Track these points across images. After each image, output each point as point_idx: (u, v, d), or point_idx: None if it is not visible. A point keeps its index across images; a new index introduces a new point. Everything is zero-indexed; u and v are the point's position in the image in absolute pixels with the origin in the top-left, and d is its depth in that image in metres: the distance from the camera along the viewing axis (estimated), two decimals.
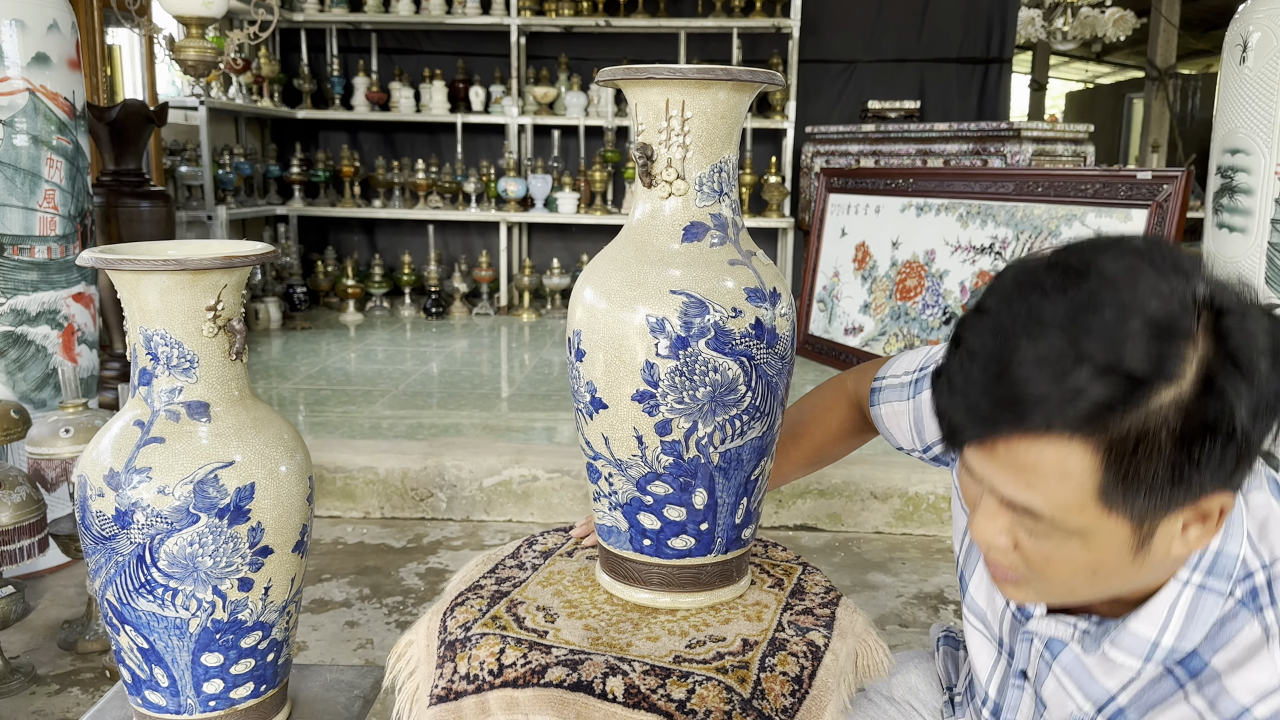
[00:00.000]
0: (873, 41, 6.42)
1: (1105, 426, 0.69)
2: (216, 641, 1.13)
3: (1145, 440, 0.69)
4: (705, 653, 1.04)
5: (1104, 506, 0.72)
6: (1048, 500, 0.73)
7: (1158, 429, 0.68)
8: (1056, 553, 0.77)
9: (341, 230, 6.63)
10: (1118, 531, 0.73)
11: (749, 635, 1.08)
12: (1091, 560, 0.76)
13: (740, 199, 6.09)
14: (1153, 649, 0.81)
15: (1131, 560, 0.76)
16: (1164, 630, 0.81)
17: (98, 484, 1.09)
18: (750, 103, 1.08)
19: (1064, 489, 0.72)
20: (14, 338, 2.50)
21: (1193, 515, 0.74)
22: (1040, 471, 0.72)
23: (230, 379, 1.14)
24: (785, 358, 1.09)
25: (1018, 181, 3.90)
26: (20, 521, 2.03)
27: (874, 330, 4.44)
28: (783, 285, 1.10)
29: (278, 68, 6.13)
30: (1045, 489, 0.73)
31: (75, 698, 2.02)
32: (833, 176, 4.93)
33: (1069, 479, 0.71)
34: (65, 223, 2.57)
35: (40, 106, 2.48)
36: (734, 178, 1.10)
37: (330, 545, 2.88)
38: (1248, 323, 0.70)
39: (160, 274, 1.05)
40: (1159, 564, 0.77)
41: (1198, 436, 0.68)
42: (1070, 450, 0.70)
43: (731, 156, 1.08)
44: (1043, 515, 0.74)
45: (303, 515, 1.17)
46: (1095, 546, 0.75)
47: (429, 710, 1.01)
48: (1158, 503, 0.71)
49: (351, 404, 3.84)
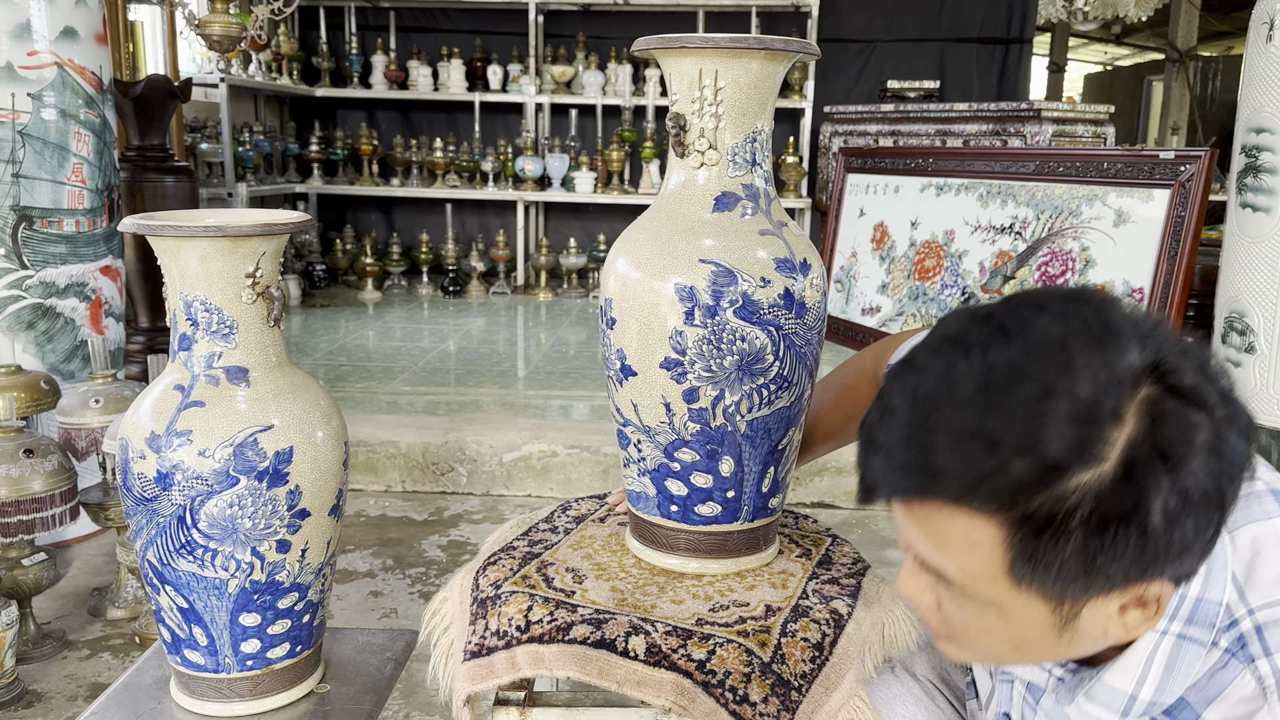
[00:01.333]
0: (893, 21, 6.38)
1: (1014, 505, 0.65)
2: (254, 602, 1.15)
3: (1054, 522, 0.65)
4: (728, 616, 1.06)
5: (1014, 582, 0.69)
6: (959, 568, 0.71)
7: (1069, 512, 0.64)
8: (975, 621, 0.74)
9: (360, 208, 6.65)
10: (1033, 609, 0.70)
11: (773, 601, 1.10)
12: (1012, 633, 0.73)
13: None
14: (1130, 702, 0.77)
15: (1057, 638, 0.72)
16: (1141, 683, 0.76)
17: (139, 446, 1.11)
18: (783, 74, 1.09)
19: (974, 559, 0.69)
20: (43, 310, 2.53)
21: (1130, 599, 0.70)
22: (950, 539, 0.70)
23: (268, 345, 1.16)
24: (815, 329, 1.10)
25: (1038, 161, 3.89)
26: (53, 489, 2.06)
27: (892, 310, 4.44)
28: (814, 256, 1.11)
29: (296, 45, 6.14)
30: (956, 557, 0.70)
31: (106, 662, 2.06)
32: (851, 156, 4.92)
33: (978, 550, 0.68)
34: (93, 196, 2.60)
35: (69, 80, 2.50)
36: (767, 148, 1.11)
37: (354, 517, 2.92)
38: (1190, 414, 0.64)
39: (201, 240, 1.07)
40: (1096, 642, 0.73)
41: (1110, 525, 0.64)
42: (978, 523, 0.67)
43: (765, 127, 1.09)
44: (954, 582, 0.72)
45: (339, 479, 1.19)
46: (1013, 620, 0.72)
47: (463, 665, 1.04)
48: (1073, 587, 0.67)
49: (371, 380, 3.88)
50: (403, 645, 1.38)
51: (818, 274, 1.09)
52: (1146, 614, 0.71)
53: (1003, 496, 0.65)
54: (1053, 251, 3.71)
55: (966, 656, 0.80)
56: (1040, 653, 0.75)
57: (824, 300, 1.11)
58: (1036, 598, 0.69)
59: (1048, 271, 3.70)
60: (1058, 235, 3.71)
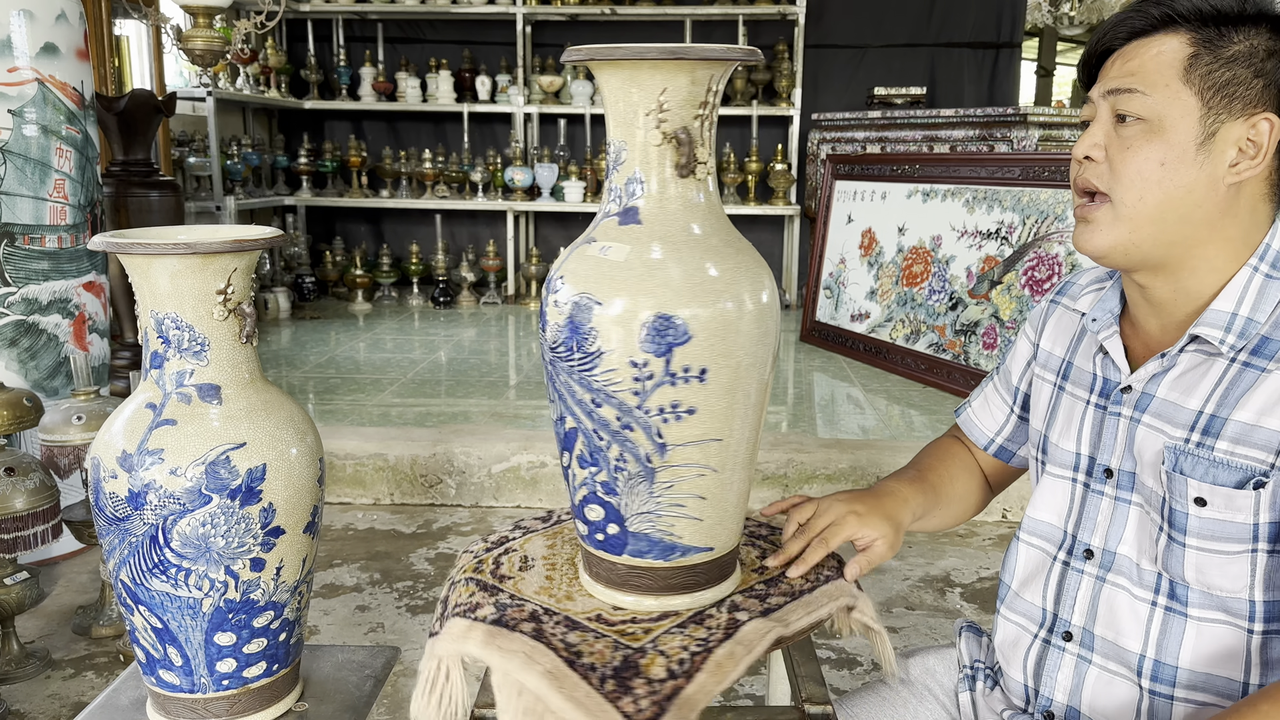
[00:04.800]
0: (883, 26, 6.40)
1: (1204, 23, 0.93)
2: (229, 621, 1.14)
3: (1225, 40, 0.93)
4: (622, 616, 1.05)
5: (1184, 81, 0.93)
6: (1143, 79, 0.94)
7: (1238, 41, 0.92)
8: (1137, 139, 0.94)
9: (349, 220, 6.65)
10: (1190, 111, 0.92)
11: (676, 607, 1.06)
12: (1163, 148, 0.93)
13: (748, 186, 6.06)
14: (1232, 319, 0.95)
15: (1195, 154, 0.93)
16: (1240, 303, 0.95)
17: (111, 466, 1.10)
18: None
19: (1158, 64, 0.94)
20: (26, 326, 2.52)
21: (1244, 134, 0.92)
22: (1143, 58, 0.95)
23: (241, 362, 1.15)
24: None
25: (1024, 166, 3.90)
26: (34, 508, 2.05)
27: (880, 316, 4.44)
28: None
29: (284, 58, 6.14)
30: (1143, 71, 0.94)
31: (90, 681, 2.05)
32: (839, 163, 4.93)
33: (1164, 57, 0.94)
34: (75, 212, 2.59)
35: (49, 96, 2.49)
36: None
37: (341, 531, 2.91)
38: None
39: (171, 257, 1.07)
40: (1213, 185, 0.93)
41: (1272, 54, 0.92)
42: (1170, 39, 0.94)
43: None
44: (1137, 90, 0.94)
45: (313, 496, 1.19)
46: (1171, 129, 0.93)
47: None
48: (1220, 95, 0.92)
49: (361, 392, 3.87)
50: (383, 662, 1.37)
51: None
52: (1255, 161, 0.93)
53: (1196, 13, 0.93)
54: (1039, 256, 3.71)
55: (1109, 215, 0.97)
56: (1179, 175, 0.93)
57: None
58: (1194, 97, 0.92)
59: (1034, 276, 3.70)
60: (1043, 240, 3.72)
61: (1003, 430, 1.27)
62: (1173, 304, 1.00)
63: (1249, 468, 0.92)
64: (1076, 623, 1.05)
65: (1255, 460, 0.91)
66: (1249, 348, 0.94)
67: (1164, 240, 0.95)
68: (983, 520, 3.04)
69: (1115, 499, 1.03)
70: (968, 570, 2.69)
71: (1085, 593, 1.05)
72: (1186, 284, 0.98)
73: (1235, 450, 0.92)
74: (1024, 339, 1.24)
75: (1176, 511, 0.96)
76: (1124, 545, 1.02)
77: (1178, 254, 0.97)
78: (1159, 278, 0.99)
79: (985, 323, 3.86)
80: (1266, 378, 0.92)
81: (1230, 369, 0.95)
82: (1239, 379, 0.94)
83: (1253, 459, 0.91)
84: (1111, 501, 1.04)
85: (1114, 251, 0.98)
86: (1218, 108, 0.92)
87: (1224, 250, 0.96)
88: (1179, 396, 0.97)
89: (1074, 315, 1.16)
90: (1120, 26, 0.98)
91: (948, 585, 2.60)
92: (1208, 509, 0.94)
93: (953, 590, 2.58)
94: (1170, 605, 0.98)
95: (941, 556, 2.78)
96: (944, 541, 2.88)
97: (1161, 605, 0.99)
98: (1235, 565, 0.94)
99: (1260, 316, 0.95)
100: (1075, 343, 1.14)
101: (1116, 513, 1.03)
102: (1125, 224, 0.96)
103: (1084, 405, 1.09)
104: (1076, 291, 1.18)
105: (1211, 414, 0.94)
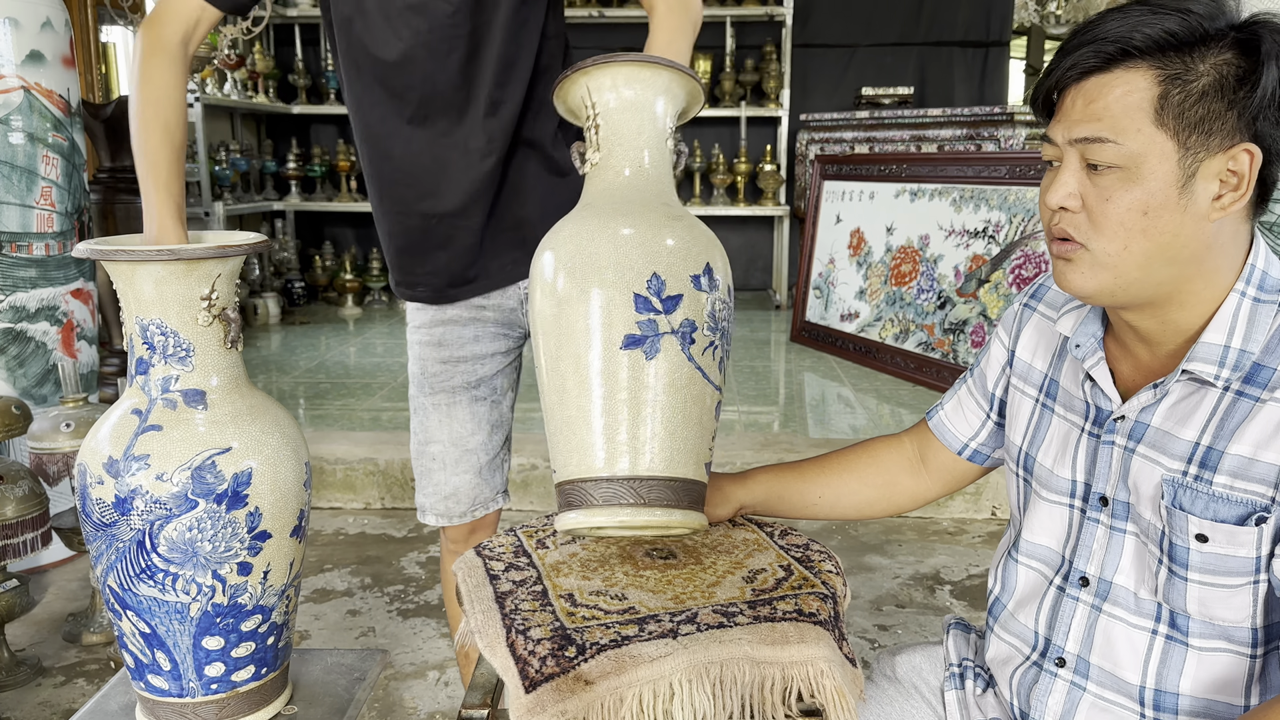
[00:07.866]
0: (871, 26, 6.41)
1: (1164, 54, 0.88)
2: (217, 625, 1.15)
3: (1191, 72, 0.87)
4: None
5: (1157, 124, 0.88)
6: (1113, 124, 0.89)
7: (1205, 70, 0.87)
8: (1114, 189, 0.90)
9: (338, 225, 6.64)
10: (1166, 155, 0.88)
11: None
12: (1143, 196, 0.89)
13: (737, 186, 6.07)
14: (1225, 351, 0.93)
15: (1178, 198, 0.89)
16: (1231, 334, 0.93)
17: (97, 472, 1.10)
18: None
19: (1127, 106, 0.89)
20: (14, 334, 2.52)
21: (1224, 166, 0.89)
22: (1111, 96, 0.90)
23: (226, 367, 1.15)
24: None
25: (1010, 165, 3.91)
26: (23, 515, 2.05)
27: (870, 316, 4.46)
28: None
29: (272, 63, 6.13)
30: (1110, 115, 0.89)
31: (81, 689, 2.04)
32: (827, 163, 4.94)
33: (1131, 97, 0.89)
34: (62, 219, 2.59)
35: (35, 104, 2.49)
36: None
37: (332, 536, 2.91)
38: None
39: (155, 264, 1.07)
40: (1202, 216, 0.90)
41: (1243, 81, 0.87)
42: (1134, 76, 0.89)
43: None
44: (1106, 138, 0.89)
45: (300, 500, 1.19)
46: (1148, 176, 0.89)
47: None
48: (1196, 133, 0.88)
49: (351, 397, 3.87)
50: (373, 665, 1.38)
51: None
52: (1238, 194, 0.89)
53: (1156, 45, 0.88)
54: (1025, 254, 3.73)
55: (1089, 263, 0.94)
56: (1164, 221, 0.90)
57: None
58: (1170, 140, 0.88)
59: (1021, 274, 3.72)
60: (1030, 238, 3.74)
61: (978, 435, 1.25)
62: (1161, 335, 0.98)
63: (1250, 502, 0.90)
64: (1071, 650, 1.03)
65: (1256, 494, 0.90)
66: (1242, 376, 0.93)
67: (1151, 282, 0.93)
68: (972, 518, 3.05)
69: (1110, 528, 1.01)
70: (957, 568, 2.70)
71: (1080, 620, 1.03)
72: (1174, 317, 0.96)
73: (1235, 485, 0.91)
74: (997, 343, 1.21)
75: (1178, 546, 0.94)
76: (1120, 575, 1.00)
77: (1165, 292, 0.94)
78: (1145, 313, 0.97)
79: (973, 321, 3.88)
80: (1261, 408, 0.90)
81: (1224, 398, 0.93)
82: (1233, 409, 0.92)
83: (1253, 493, 0.90)
84: (1107, 530, 1.02)
85: (1100, 294, 0.95)
86: (1195, 147, 0.88)
87: (1211, 281, 0.94)
88: (1173, 426, 0.95)
89: (1053, 327, 1.13)
90: (1074, 68, 0.92)
91: (937, 583, 2.62)
92: (1210, 544, 0.92)
93: (942, 588, 2.59)
94: (1171, 634, 0.97)
95: (931, 554, 2.79)
96: (933, 540, 2.90)
97: (1162, 634, 0.97)
98: (1239, 597, 0.93)
99: (1252, 346, 0.93)
100: (1058, 359, 1.11)
101: (1112, 542, 1.01)
102: (1109, 271, 0.93)
103: (1079, 433, 1.06)
104: (1055, 300, 1.14)
105: (1208, 446, 0.93)
